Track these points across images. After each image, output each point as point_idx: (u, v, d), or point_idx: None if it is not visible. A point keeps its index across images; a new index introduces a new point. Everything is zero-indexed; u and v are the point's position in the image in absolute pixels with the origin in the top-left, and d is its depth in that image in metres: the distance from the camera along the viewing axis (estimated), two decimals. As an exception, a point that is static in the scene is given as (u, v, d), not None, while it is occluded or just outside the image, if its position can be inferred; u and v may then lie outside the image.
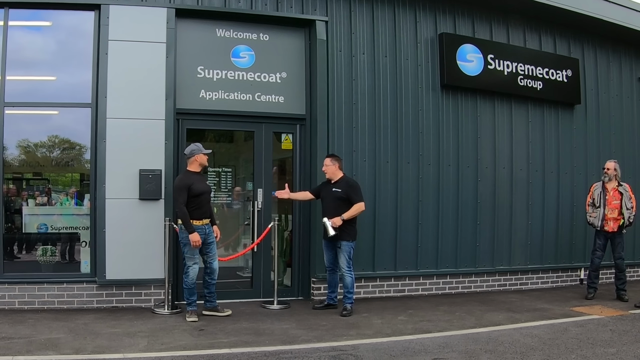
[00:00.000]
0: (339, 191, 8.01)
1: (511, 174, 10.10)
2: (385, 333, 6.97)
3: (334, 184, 8.10)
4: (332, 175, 8.12)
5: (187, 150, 7.62)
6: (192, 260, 7.47)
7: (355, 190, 8.04)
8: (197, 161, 7.57)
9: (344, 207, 7.94)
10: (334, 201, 8.02)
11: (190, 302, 7.52)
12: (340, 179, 8.12)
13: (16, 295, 7.78)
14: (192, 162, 7.58)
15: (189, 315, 7.42)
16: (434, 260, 9.48)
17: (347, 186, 8.03)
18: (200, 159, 7.57)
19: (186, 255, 7.50)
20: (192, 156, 7.56)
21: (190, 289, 7.51)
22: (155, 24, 8.16)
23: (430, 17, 9.62)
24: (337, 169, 8.13)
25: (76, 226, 8.36)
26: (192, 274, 7.47)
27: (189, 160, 7.60)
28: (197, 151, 7.55)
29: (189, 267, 7.47)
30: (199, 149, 7.56)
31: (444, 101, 9.62)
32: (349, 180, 8.19)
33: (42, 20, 8.34)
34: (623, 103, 11.32)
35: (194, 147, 7.58)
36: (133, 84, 8.04)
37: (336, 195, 8.02)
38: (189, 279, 7.47)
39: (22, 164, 8.49)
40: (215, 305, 7.79)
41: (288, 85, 9.00)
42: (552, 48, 10.65)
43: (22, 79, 8.18)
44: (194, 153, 7.55)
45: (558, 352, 6.17)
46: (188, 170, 7.60)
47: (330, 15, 8.98)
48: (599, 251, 9.25)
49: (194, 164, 7.58)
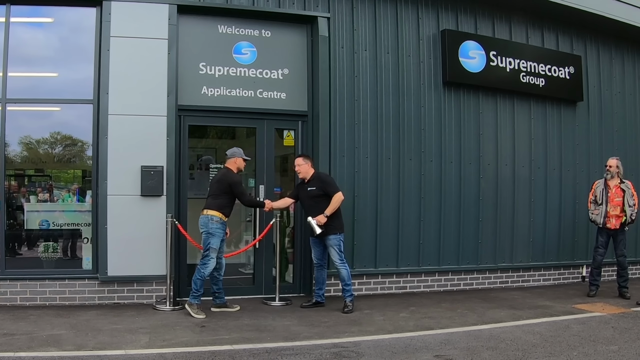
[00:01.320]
0: (314, 189, 8.00)
1: (513, 171, 10.08)
2: (387, 330, 6.96)
3: (308, 182, 8.08)
4: (306, 174, 8.09)
5: (230, 152, 7.92)
6: (215, 252, 7.60)
7: (329, 183, 8.03)
8: (235, 163, 7.84)
9: (323, 203, 7.91)
10: (311, 199, 8.01)
11: (199, 294, 7.55)
12: (312, 177, 8.09)
13: (18, 291, 7.78)
14: (231, 162, 7.86)
15: (196, 312, 7.44)
16: (436, 257, 9.48)
17: (320, 182, 8.01)
18: (238, 162, 7.87)
19: (211, 247, 7.57)
20: (232, 157, 7.84)
21: (203, 281, 7.56)
22: (157, 20, 8.15)
23: (432, 14, 9.60)
24: (309, 167, 8.11)
25: (78, 222, 8.36)
26: (210, 266, 7.57)
27: (228, 160, 7.87)
28: (238, 154, 7.87)
29: (210, 258, 7.56)
30: (241, 153, 7.89)
31: (446, 98, 9.61)
32: (321, 175, 8.16)
33: (44, 17, 8.34)
34: (626, 100, 11.29)
35: (236, 150, 7.91)
36: (135, 80, 8.03)
37: (312, 194, 8.01)
38: (206, 271, 7.55)
39: (24, 160, 8.50)
40: (225, 302, 7.89)
41: (290, 81, 8.98)
42: (555, 45, 10.62)
43: (24, 75, 8.16)
44: (235, 155, 7.85)
45: (560, 349, 6.16)
46: (230, 169, 7.83)
47: (332, 12, 8.96)
48: (601, 248, 9.23)
49: (232, 165, 7.84)
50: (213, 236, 7.58)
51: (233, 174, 7.75)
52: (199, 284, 7.55)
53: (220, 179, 7.78)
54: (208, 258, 7.57)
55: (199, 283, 7.55)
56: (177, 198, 8.28)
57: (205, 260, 7.58)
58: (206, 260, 7.58)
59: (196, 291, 7.56)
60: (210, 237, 7.59)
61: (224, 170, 7.89)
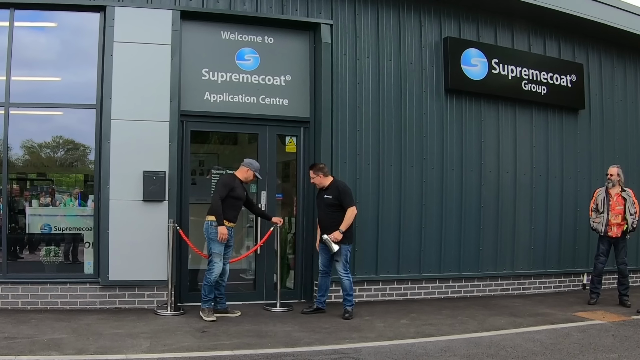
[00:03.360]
0: (330, 197, 8.01)
1: (515, 178, 10.08)
2: (387, 336, 6.96)
3: (325, 190, 8.09)
4: (322, 183, 8.10)
5: (247, 160, 8.00)
6: (219, 257, 7.63)
7: (346, 195, 8.02)
8: (244, 173, 7.91)
9: (337, 213, 7.95)
10: (327, 207, 8.03)
11: (208, 299, 7.62)
12: (330, 185, 8.10)
13: (19, 295, 7.79)
14: (243, 171, 7.94)
15: (207, 315, 7.52)
16: (437, 264, 9.47)
17: (337, 191, 8.01)
18: (248, 174, 7.93)
19: (213, 252, 7.63)
20: (245, 166, 7.90)
21: (210, 287, 7.62)
22: (161, 25, 8.18)
23: (435, 21, 9.63)
24: (323, 177, 8.10)
25: (80, 227, 8.38)
26: (216, 271, 7.62)
27: (242, 166, 7.92)
28: (251, 166, 7.94)
29: (215, 263, 7.61)
30: (255, 167, 7.98)
31: (448, 105, 9.62)
32: (340, 185, 8.13)
33: (47, 21, 8.37)
34: (627, 108, 11.31)
35: (253, 162, 8.02)
36: (138, 86, 8.06)
37: (328, 202, 8.02)
38: (212, 276, 7.60)
39: (26, 164, 8.53)
40: (226, 307, 7.94)
41: (292, 88, 9.00)
42: (557, 53, 10.64)
43: (27, 80, 8.20)
44: (248, 167, 7.91)
45: (560, 357, 6.16)
46: (235, 174, 7.90)
47: (335, 19, 8.99)
48: (602, 256, 9.23)
49: (243, 173, 7.91)
50: (214, 241, 7.62)
51: (226, 176, 7.83)
52: (207, 290, 7.61)
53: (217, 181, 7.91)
54: (212, 264, 7.61)
55: (207, 289, 7.61)
56: (179, 203, 8.30)
57: (210, 266, 7.63)
58: (211, 266, 7.63)
59: (205, 297, 7.63)
60: (212, 242, 7.64)
61: (226, 174, 7.92)
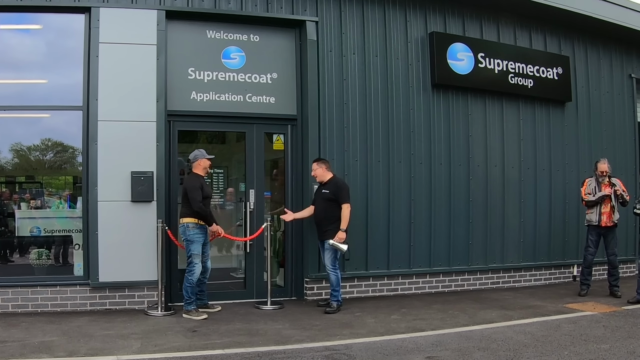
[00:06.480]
0: (327, 192, 8.10)
1: (503, 172, 10.12)
2: (378, 332, 6.99)
3: (324, 185, 8.19)
4: (322, 177, 8.20)
5: (192, 156, 7.92)
6: (198, 257, 7.66)
7: (343, 191, 8.09)
8: (200, 165, 7.86)
9: (333, 208, 8.02)
10: (323, 202, 8.12)
11: (192, 300, 7.66)
12: (329, 180, 8.20)
13: (9, 298, 7.75)
14: (196, 166, 7.87)
15: (196, 314, 7.58)
16: (427, 259, 9.50)
17: (335, 187, 8.10)
18: (203, 164, 7.88)
19: (193, 253, 7.65)
20: (195, 160, 7.86)
21: (193, 287, 7.66)
22: (146, 26, 8.16)
23: (420, 16, 9.64)
24: (324, 170, 8.21)
25: (69, 229, 8.36)
26: (197, 272, 7.64)
27: (193, 164, 7.89)
28: (200, 156, 7.87)
29: (195, 264, 7.63)
30: (202, 154, 7.89)
31: (434, 100, 9.64)
32: (338, 182, 8.22)
33: (32, 23, 8.32)
34: (614, 100, 11.37)
35: (197, 153, 7.91)
36: (124, 86, 8.03)
37: (325, 196, 8.11)
38: (194, 277, 7.63)
39: (15, 167, 8.49)
40: (206, 302, 8.03)
41: (279, 85, 9.00)
42: (543, 46, 10.69)
43: (13, 82, 8.16)
44: (197, 158, 7.86)
45: (551, 348, 6.20)
46: (195, 173, 7.86)
47: (320, 16, 8.99)
48: (591, 248, 9.28)
49: (198, 168, 7.87)
50: (192, 243, 7.66)
51: (191, 179, 7.78)
52: (190, 291, 7.64)
53: (183, 185, 7.93)
54: (192, 265, 7.65)
55: (190, 290, 7.64)
56: (167, 203, 8.29)
57: (190, 267, 7.66)
58: (191, 267, 7.66)
59: (188, 298, 7.65)
60: (190, 244, 7.67)
61: (187, 176, 8.00)
